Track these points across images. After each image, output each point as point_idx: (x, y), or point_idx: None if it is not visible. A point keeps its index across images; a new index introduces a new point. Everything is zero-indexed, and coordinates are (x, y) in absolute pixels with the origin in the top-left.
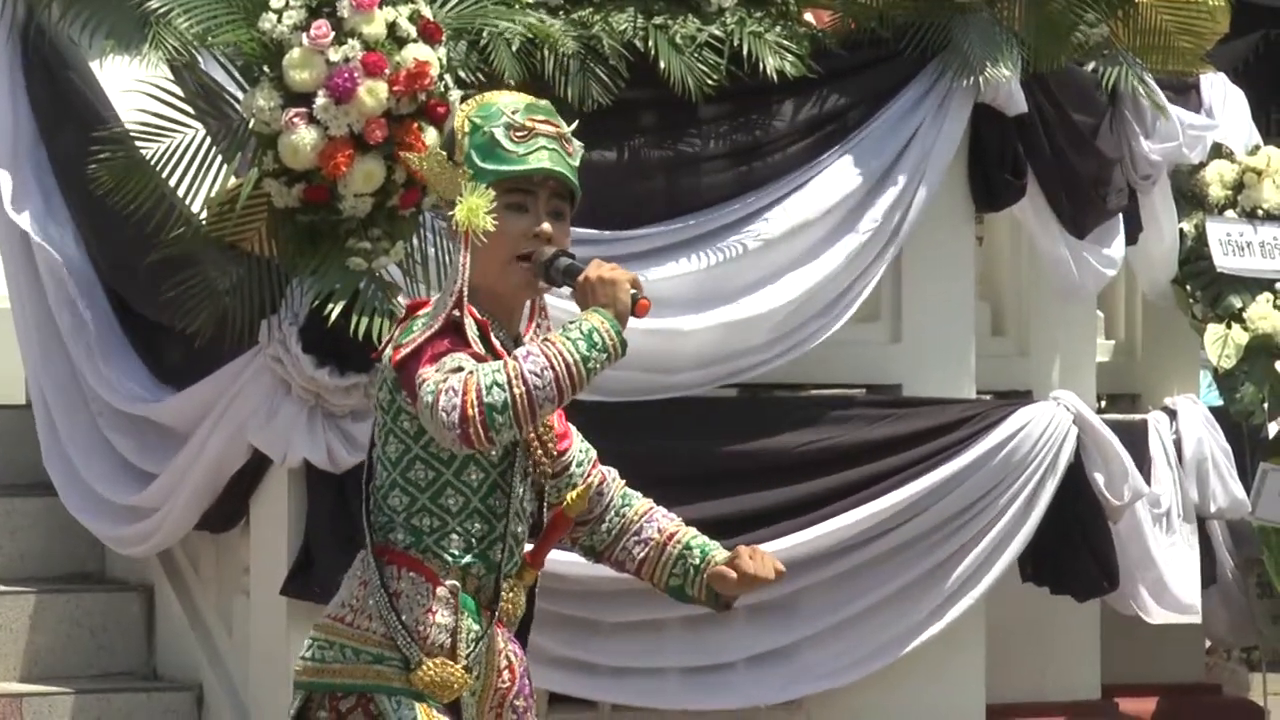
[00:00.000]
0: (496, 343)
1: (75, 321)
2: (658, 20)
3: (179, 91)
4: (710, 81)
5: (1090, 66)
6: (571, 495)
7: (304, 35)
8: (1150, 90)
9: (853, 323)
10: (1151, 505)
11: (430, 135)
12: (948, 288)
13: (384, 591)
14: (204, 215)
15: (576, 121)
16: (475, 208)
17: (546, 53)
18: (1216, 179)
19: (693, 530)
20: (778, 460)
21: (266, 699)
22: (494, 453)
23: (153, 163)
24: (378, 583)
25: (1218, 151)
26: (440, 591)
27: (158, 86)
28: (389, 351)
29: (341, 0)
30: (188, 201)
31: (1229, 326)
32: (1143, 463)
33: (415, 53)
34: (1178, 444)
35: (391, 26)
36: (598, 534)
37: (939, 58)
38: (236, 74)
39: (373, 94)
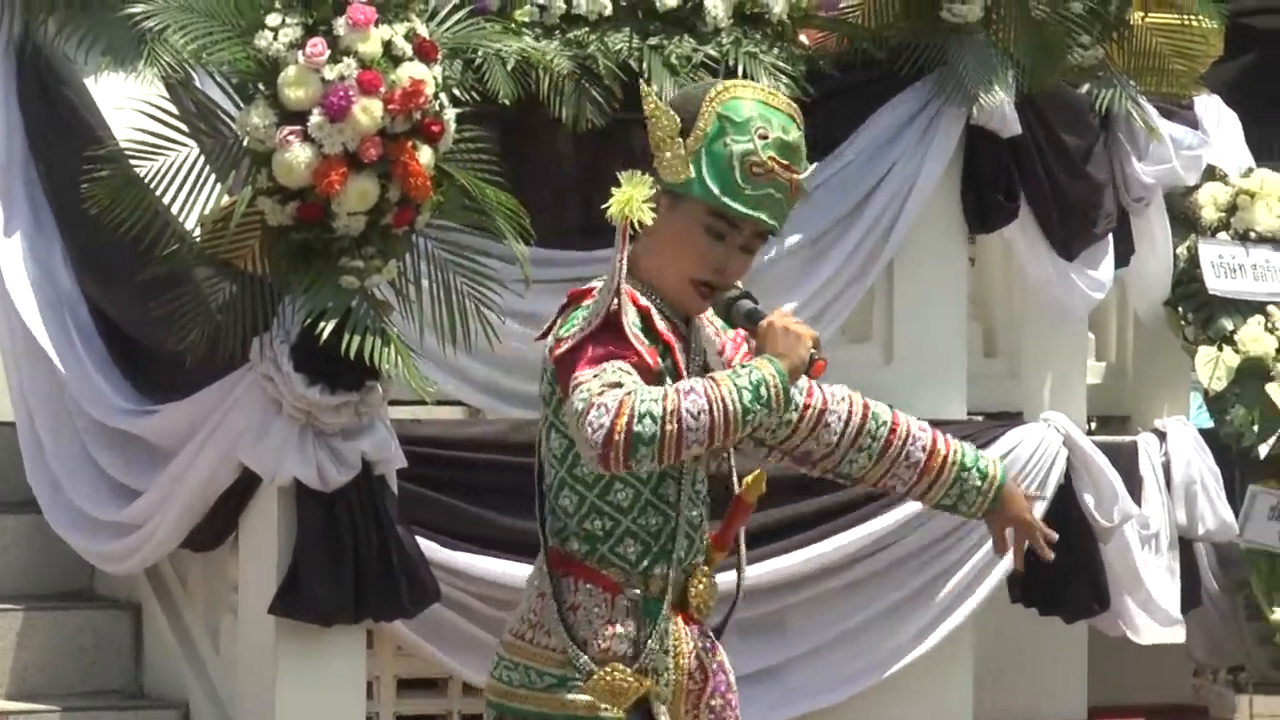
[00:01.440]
0: (663, 327)
1: (62, 338)
2: (653, 41)
3: (174, 109)
4: None
5: (1084, 88)
6: (749, 479)
7: (299, 53)
8: (1143, 112)
9: (845, 343)
10: (1141, 527)
11: (425, 154)
12: (940, 308)
13: (557, 604)
14: (198, 233)
15: (814, 166)
16: (631, 199)
17: (541, 73)
18: (1209, 201)
19: (957, 445)
20: (769, 482)
21: (253, 717)
22: None
23: (147, 180)
24: (552, 595)
25: (1211, 174)
26: (620, 601)
27: (153, 104)
28: (549, 343)
29: (337, 19)
30: (182, 219)
31: (1220, 349)
32: (1132, 484)
33: (410, 71)
34: (1167, 466)
35: (387, 45)
36: (860, 461)
37: (932, 78)
38: (231, 92)
39: (367, 112)
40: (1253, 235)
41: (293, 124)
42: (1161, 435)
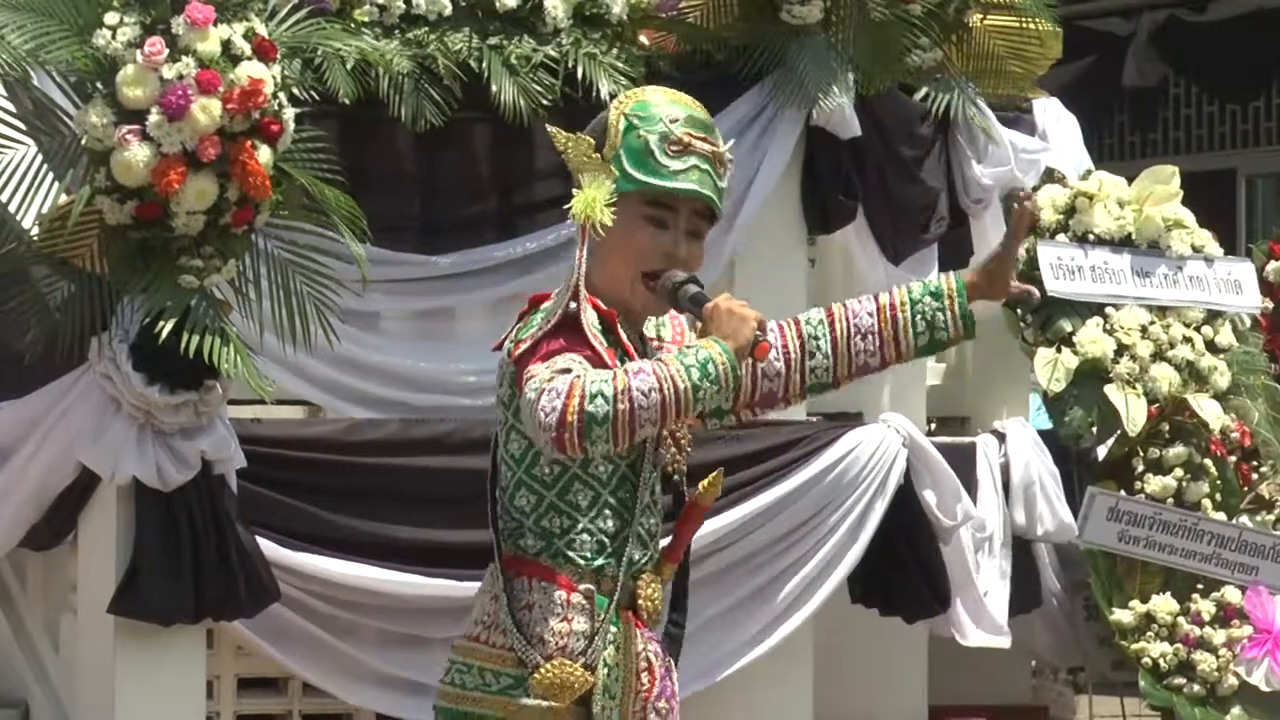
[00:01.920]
0: (623, 334)
1: None
2: (493, 41)
3: (11, 108)
4: (544, 102)
5: (922, 92)
6: (703, 484)
7: (138, 52)
8: (981, 114)
9: None
10: (976, 529)
11: (264, 153)
12: (779, 309)
13: (511, 604)
14: (36, 231)
15: (733, 141)
16: (593, 201)
17: (381, 72)
18: (1048, 203)
19: (899, 290)
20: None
21: (93, 717)
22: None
23: None
24: (506, 596)
25: (1049, 176)
26: (574, 598)
27: None
28: (508, 346)
29: (176, 18)
30: (19, 218)
31: (1059, 350)
32: (969, 486)
33: (249, 71)
34: (1006, 467)
35: (226, 44)
36: (818, 365)
37: (771, 79)
38: (70, 90)
39: (206, 111)
40: (1091, 237)
41: (131, 123)
42: (1001, 436)
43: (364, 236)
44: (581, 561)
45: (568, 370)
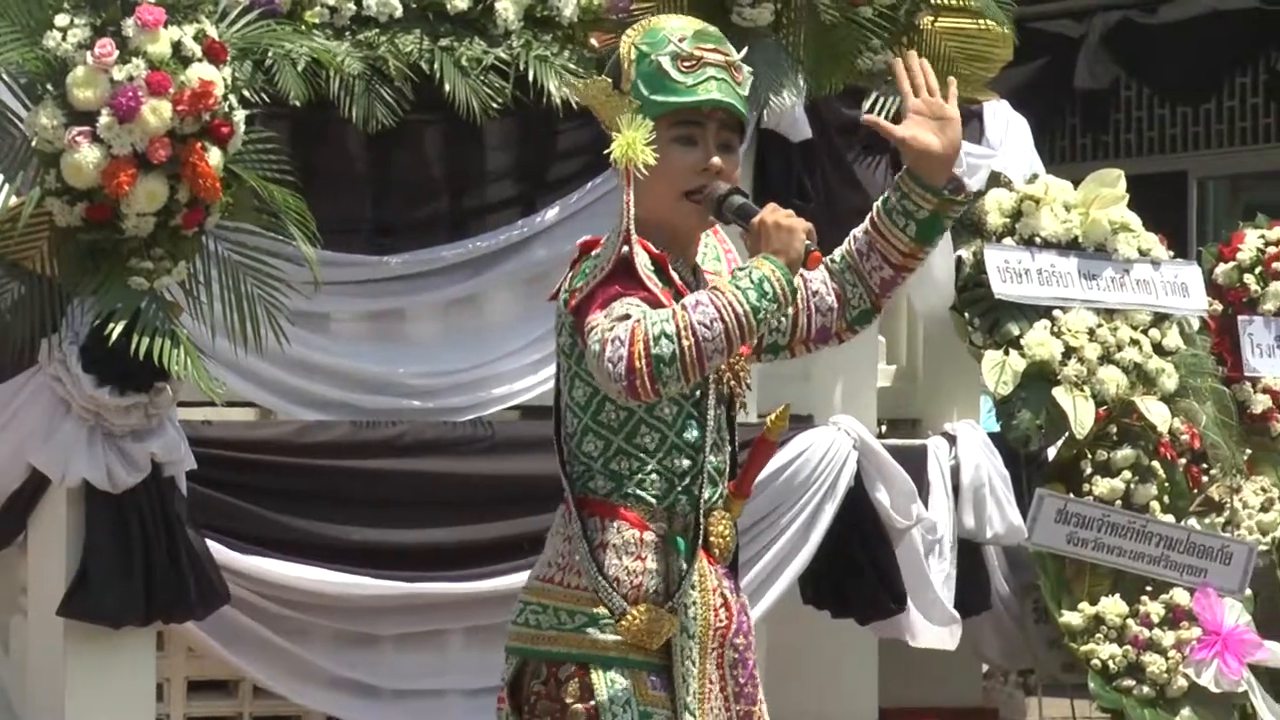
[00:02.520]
0: (675, 276)
1: None
2: (444, 42)
3: None
4: (495, 104)
5: (873, 96)
6: (770, 418)
7: (88, 54)
8: None
9: None
10: (926, 531)
11: (214, 155)
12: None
13: (586, 544)
14: None
15: (746, 49)
16: (633, 141)
17: (332, 73)
18: (995, 207)
19: (873, 207)
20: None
21: (43, 718)
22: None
23: None
24: (581, 535)
25: (996, 180)
26: (648, 537)
27: None
28: (564, 296)
29: (126, 19)
30: None
31: (1007, 353)
32: (920, 488)
33: (200, 72)
34: (956, 469)
35: (176, 46)
36: (856, 303)
37: None
38: (20, 92)
39: (156, 113)
40: (1038, 240)
41: (81, 124)
42: (951, 439)
43: (314, 239)
44: (653, 500)
45: (626, 316)
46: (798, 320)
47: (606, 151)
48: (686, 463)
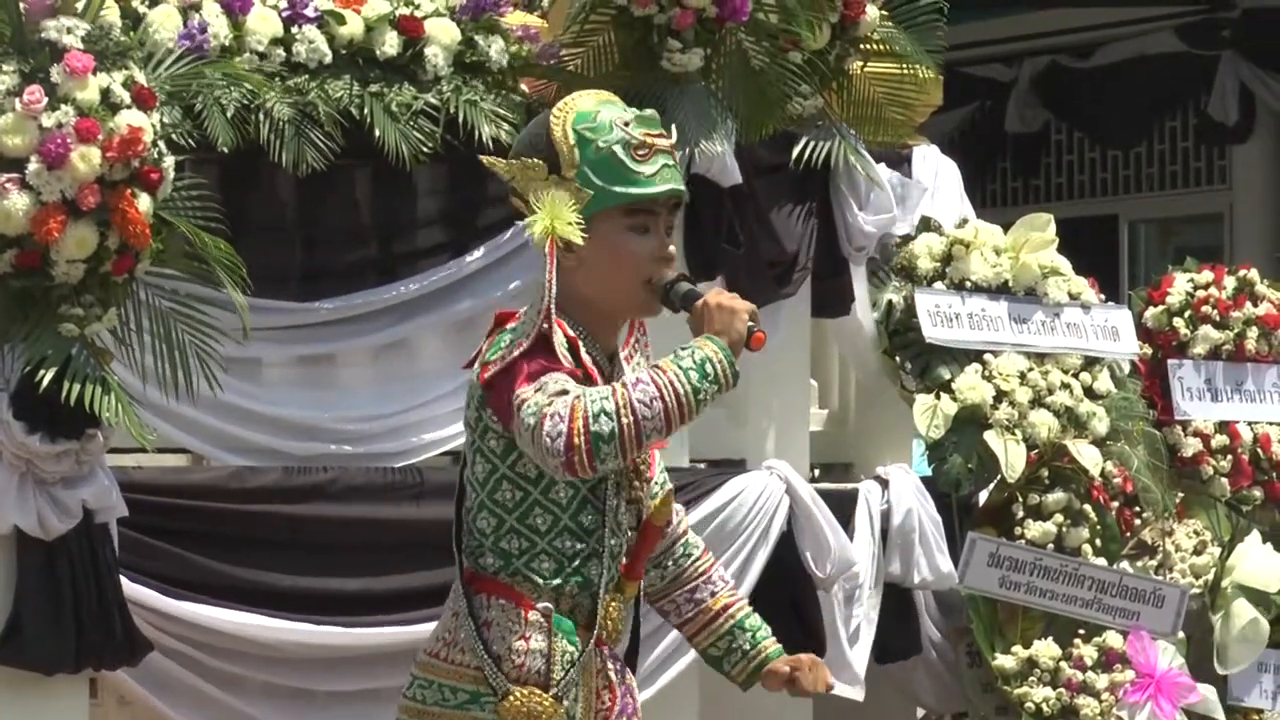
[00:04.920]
0: (587, 359)
1: None
2: (374, 88)
3: None
4: (425, 149)
5: (804, 140)
6: (654, 503)
7: (16, 100)
8: (865, 161)
9: None
10: (846, 579)
11: (144, 201)
12: (663, 352)
13: (472, 621)
14: None
15: (674, 126)
16: (558, 219)
17: (261, 118)
18: (925, 251)
19: (744, 604)
20: None
21: None
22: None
23: None
24: (467, 612)
25: (926, 224)
26: (532, 616)
27: None
28: (476, 369)
29: (55, 66)
30: None
31: (938, 397)
32: (847, 532)
33: (129, 119)
34: (887, 514)
35: (105, 93)
36: (652, 576)
37: None
38: None
39: (85, 160)
40: (969, 285)
41: (10, 171)
42: (884, 482)
43: (245, 285)
44: (540, 580)
45: (565, 392)
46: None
47: (525, 229)
48: (578, 545)
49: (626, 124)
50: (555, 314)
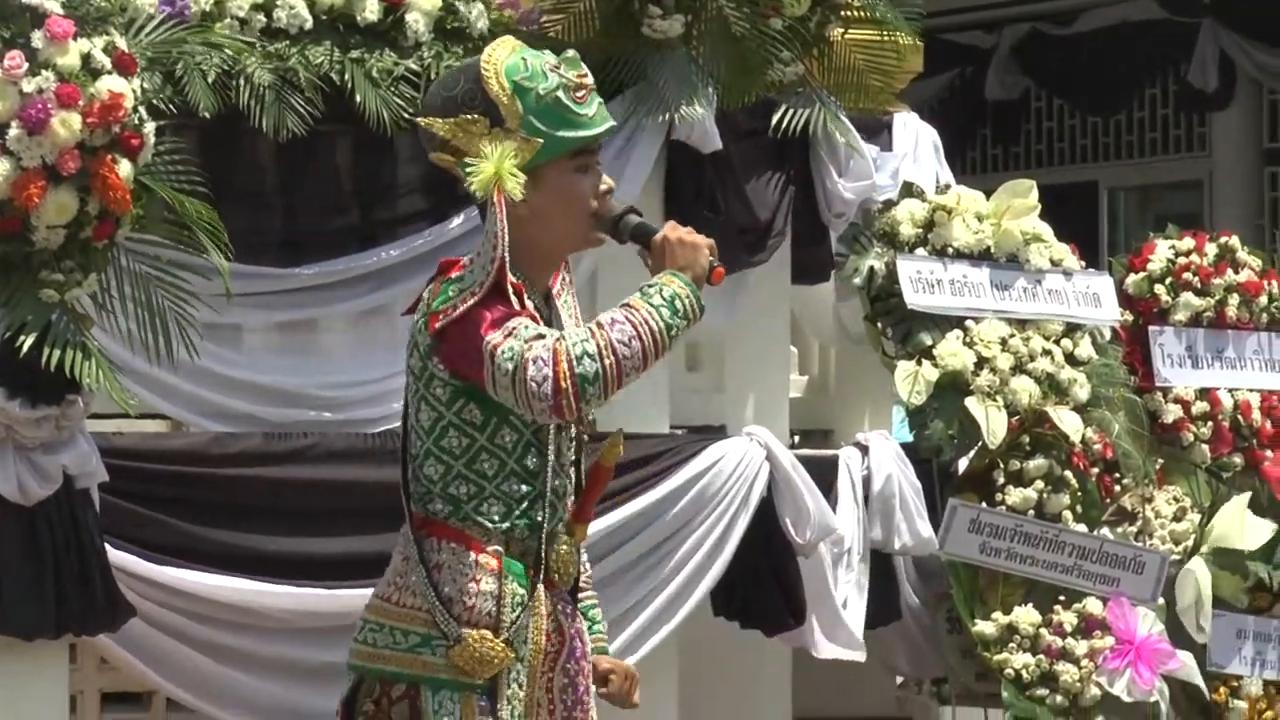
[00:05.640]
0: (530, 305)
1: None
2: (354, 54)
3: None
4: (405, 115)
5: (784, 107)
6: (605, 444)
7: None
8: (845, 128)
9: None
10: (833, 543)
11: (124, 167)
12: None
13: (423, 566)
14: None
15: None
16: (502, 171)
17: (242, 83)
18: (907, 218)
19: (593, 594)
20: None
21: None
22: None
23: None
24: (417, 557)
25: (908, 190)
26: (482, 559)
27: None
28: (424, 317)
29: (36, 31)
30: None
31: (919, 363)
32: (830, 499)
33: (109, 84)
34: (868, 480)
35: (86, 58)
36: None
37: (632, 93)
38: None
39: (66, 125)
40: (950, 251)
41: None
42: (864, 449)
43: (226, 250)
44: (489, 525)
45: (541, 336)
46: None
47: (470, 181)
48: (525, 488)
49: (557, 68)
50: (511, 259)
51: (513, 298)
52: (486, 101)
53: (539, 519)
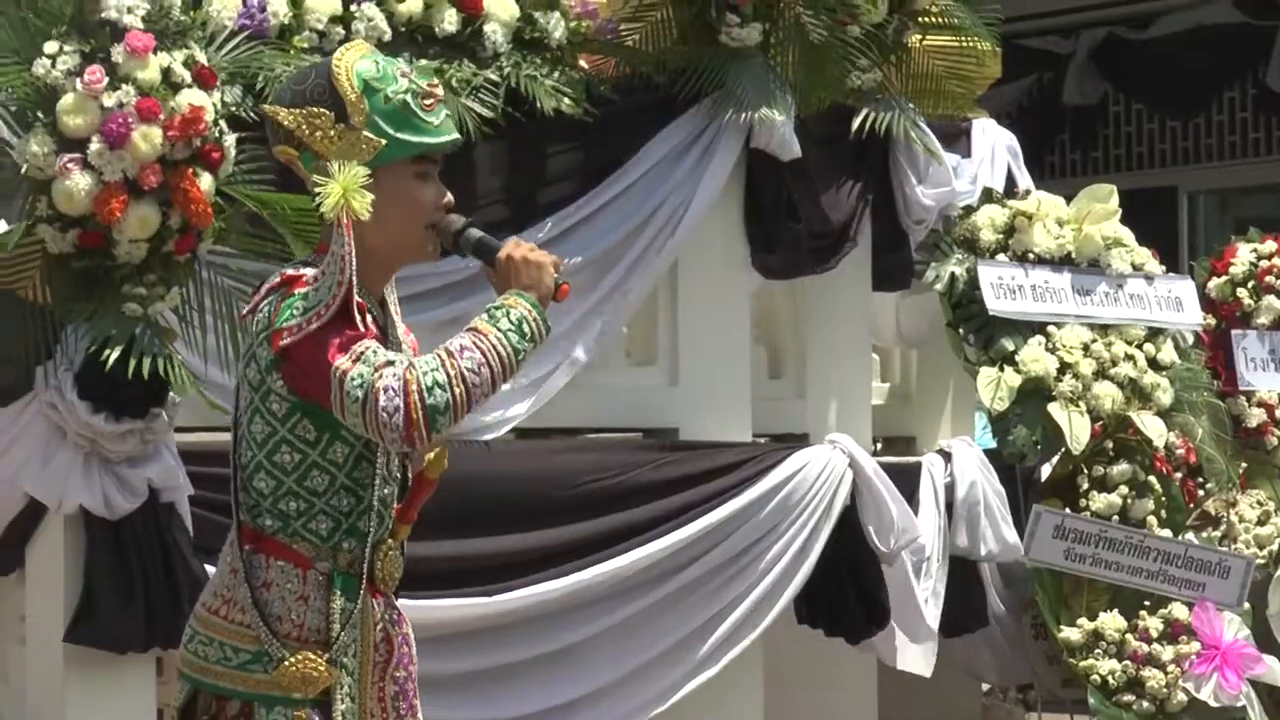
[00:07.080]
0: (370, 320)
1: None
2: (433, 65)
3: None
4: (486, 123)
5: (864, 112)
6: (430, 457)
7: (78, 80)
8: (923, 134)
9: (630, 365)
10: (914, 551)
11: (205, 180)
12: (724, 331)
13: (248, 585)
14: None
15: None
16: (352, 187)
17: None
18: (988, 223)
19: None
20: (553, 500)
21: None
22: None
23: None
24: (244, 574)
25: (989, 196)
26: (310, 575)
27: None
28: (265, 332)
29: (116, 46)
30: None
31: (1002, 369)
32: (912, 505)
33: (189, 98)
34: (951, 487)
35: (166, 72)
36: None
37: (710, 101)
38: (10, 119)
39: (147, 139)
40: (1031, 256)
41: (72, 151)
42: (946, 456)
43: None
44: (318, 540)
45: (390, 363)
46: None
47: (317, 202)
48: (352, 500)
49: (404, 74)
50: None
51: (357, 318)
52: (334, 97)
53: (366, 530)
